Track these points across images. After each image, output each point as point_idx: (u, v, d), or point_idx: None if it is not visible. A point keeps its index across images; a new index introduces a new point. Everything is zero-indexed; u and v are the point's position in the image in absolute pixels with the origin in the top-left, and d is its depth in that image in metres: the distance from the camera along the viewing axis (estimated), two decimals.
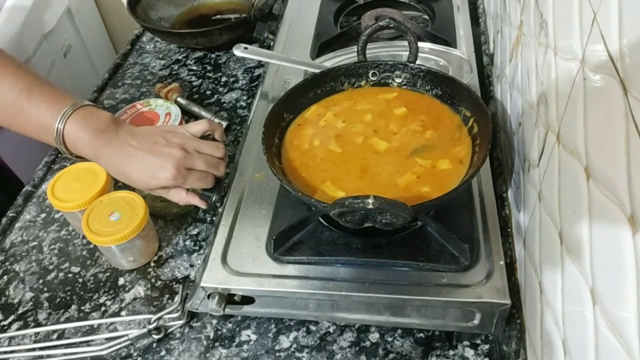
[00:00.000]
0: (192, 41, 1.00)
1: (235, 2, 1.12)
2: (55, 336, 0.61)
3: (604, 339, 0.34)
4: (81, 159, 0.60)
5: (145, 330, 0.59)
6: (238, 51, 0.80)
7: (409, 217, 0.48)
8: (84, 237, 0.72)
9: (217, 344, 0.59)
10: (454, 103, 0.64)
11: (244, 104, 0.90)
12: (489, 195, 0.61)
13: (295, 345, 0.59)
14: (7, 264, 0.69)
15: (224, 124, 0.84)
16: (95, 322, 0.62)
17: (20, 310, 0.64)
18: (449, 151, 0.59)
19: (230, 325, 0.61)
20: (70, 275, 0.67)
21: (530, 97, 0.56)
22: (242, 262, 0.57)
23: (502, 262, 0.54)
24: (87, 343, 0.60)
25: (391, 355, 0.57)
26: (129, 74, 0.99)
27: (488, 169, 0.64)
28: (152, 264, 0.68)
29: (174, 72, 0.99)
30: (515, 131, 0.63)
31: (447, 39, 0.83)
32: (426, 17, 0.96)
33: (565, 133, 0.43)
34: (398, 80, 0.68)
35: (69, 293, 0.66)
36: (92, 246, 0.70)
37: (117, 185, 0.78)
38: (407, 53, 0.66)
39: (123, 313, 0.63)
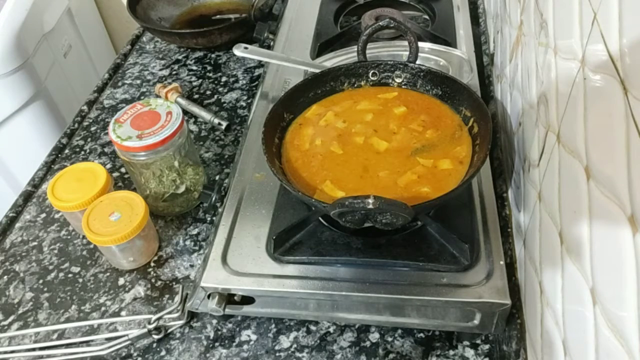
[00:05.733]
0: (192, 41, 1.00)
1: (235, 2, 1.12)
2: (55, 336, 0.61)
3: (604, 339, 0.34)
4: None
5: (145, 330, 0.59)
6: (238, 51, 0.80)
7: (409, 217, 0.48)
8: (84, 237, 0.72)
9: (217, 344, 0.59)
10: (454, 103, 0.64)
11: (244, 104, 0.90)
12: (489, 195, 0.61)
13: (295, 345, 0.59)
14: (7, 264, 0.69)
15: (224, 124, 0.84)
16: (95, 322, 0.62)
17: (20, 310, 0.64)
18: (449, 151, 0.59)
19: (230, 325, 0.61)
20: (70, 275, 0.67)
21: (530, 97, 0.56)
22: (242, 262, 0.57)
23: (502, 262, 0.54)
24: (87, 343, 0.60)
25: (391, 355, 0.57)
26: (129, 74, 0.99)
27: (488, 169, 0.64)
28: (152, 264, 0.68)
29: (174, 72, 0.99)
30: (515, 131, 0.63)
31: (447, 39, 0.83)
32: (426, 17, 0.96)
33: (565, 133, 0.43)
34: (398, 80, 0.68)
35: (69, 293, 0.66)
36: (92, 246, 0.70)
37: (117, 185, 0.79)
38: (407, 53, 0.66)
39: (123, 313, 0.63)
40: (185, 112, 0.88)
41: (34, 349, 0.60)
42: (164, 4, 1.10)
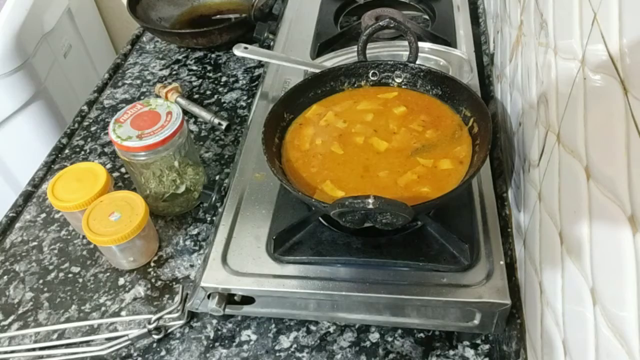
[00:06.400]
0: (192, 41, 1.00)
1: (235, 2, 1.12)
2: (55, 336, 0.61)
3: (604, 339, 0.34)
4: None
5: (145, 330, 0.59)
6: (238, 51, 0.80)
7: (409, 217, 0.48)
8: (84, 237, 0.72)
9: (217, 344, 0.59)
10: (454, 103, 0.64)
11: (244, 104, 0.90)
12: (489, 195, 0.61)
13: (295, 345, 0.59)
14: (7, 264, 0.69)
15: (224, 124, 0.84)
16: (95, 322, 0.62)
17: (20, 310, 0.64)
18: (449, 151, 0.59)
19: (230, 325, 0.61)
20: (70, 275, 0.67)
21: (530, 97, 0.56)
22: (242, 262, 0.57)
23: (502, 262, 0.54)
24: (87, 343, 0.60)
25: (391, 355, 0.57)
26: (129, 74, 0.99)
27: (488, 169, 0.64)
28: (152, 264, 0.68)
29: (174, 72, 0.99)
30: (515, 131, 0.63)
31: (447, 39, 0.83)
32: (426, 17, 0.96)
33: (565, 133, 0.43)
34: (398, 80, 0.68)
35: (69, 293, 0.66)
36: (92, 246, 0.70)
37: (117, 185, 0.79)
38: (407, 53, 0.66)
39: (123, 313, 0.63)
40: (185, 112, 0.88)
41: (34, 349, 0.60)
42: (164, 4, 1.10)
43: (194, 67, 0.99)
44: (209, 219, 0.72)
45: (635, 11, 0.31)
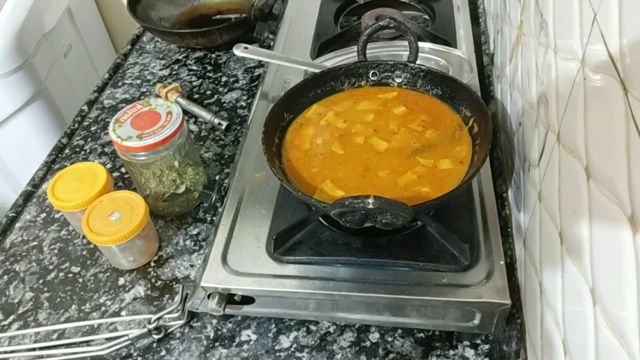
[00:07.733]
0: (192, 41, 1.00)
1: (235, 2, 1.12)
2: (55, 336, 0.61)
3: (604, 339, 0.34)
4: None
5: (145, 330, 0.59)
6: (238, 51, 0.80)
7: (409, 217, 0.48)
8: (84, 237, 0.72)
9: (217, 344, 0.59)
10: (454, 103, 0.64)
11: (244, 104, 0.90)
12: (489, 195, 0.61)
13: (295, 345, 0.59)
14: (7, 264, 0.69)
15: (224, 124, 0.84)
16: (95, 322, 0.62)
17: (20, 310, 0.64)
18: (449, 151, 0.59)
19: (230, 325, 0.61)
20: (70, 275, 0.67)
21: (530, 97, 0.56)
22: (242, 262, 0.57)
23: (502, 262, 0.54)
24: (87, 343, 0.60)
25: (391, 355, 0.57)
26: (129, 74, 0.99)
27: (488, 169, 0.64)
28: (152, 264, 0.68)
29: (174, 72, 0.99)
30: (515, 131, 0.63)
31: (447, 38, 0.83)
32: (426, 17, 0.96)
33: (565, 133, 0.43)
34: (398, 80, 0.68)
35: (69, 293, 0.66)
36: (92, 246, 0.70)
37: (117, 185, 0.79)
38: (407, 53, 0.66)
39: (123, 313, 0.63)
40: (185, 112, 0.88)
41: (34, 349, 0.60)
42: (164, 4, 1.10)
43: (194, 67, 0.99)
44: (209, 219, 0.72)
45: (635, 11, 0.31)
